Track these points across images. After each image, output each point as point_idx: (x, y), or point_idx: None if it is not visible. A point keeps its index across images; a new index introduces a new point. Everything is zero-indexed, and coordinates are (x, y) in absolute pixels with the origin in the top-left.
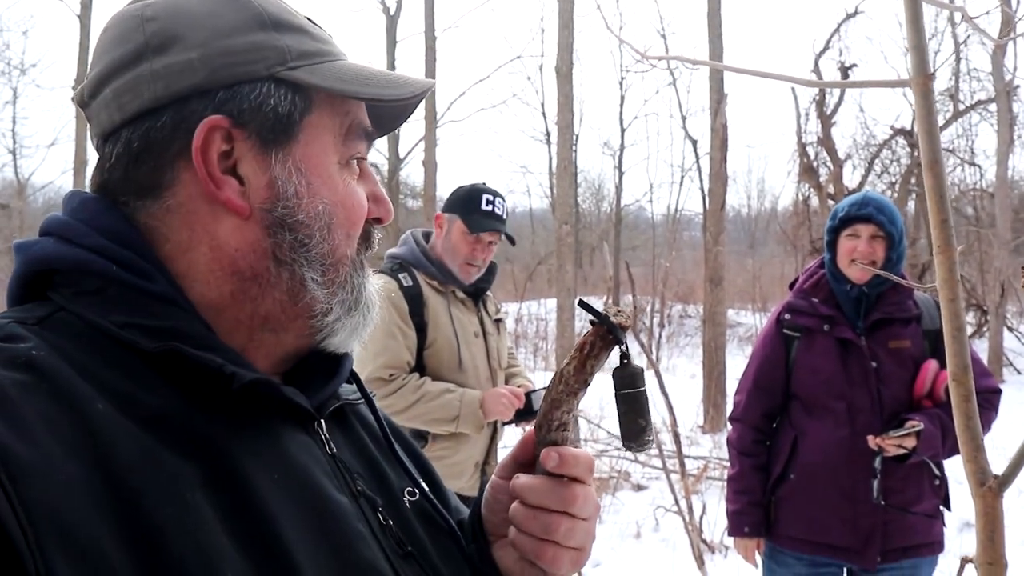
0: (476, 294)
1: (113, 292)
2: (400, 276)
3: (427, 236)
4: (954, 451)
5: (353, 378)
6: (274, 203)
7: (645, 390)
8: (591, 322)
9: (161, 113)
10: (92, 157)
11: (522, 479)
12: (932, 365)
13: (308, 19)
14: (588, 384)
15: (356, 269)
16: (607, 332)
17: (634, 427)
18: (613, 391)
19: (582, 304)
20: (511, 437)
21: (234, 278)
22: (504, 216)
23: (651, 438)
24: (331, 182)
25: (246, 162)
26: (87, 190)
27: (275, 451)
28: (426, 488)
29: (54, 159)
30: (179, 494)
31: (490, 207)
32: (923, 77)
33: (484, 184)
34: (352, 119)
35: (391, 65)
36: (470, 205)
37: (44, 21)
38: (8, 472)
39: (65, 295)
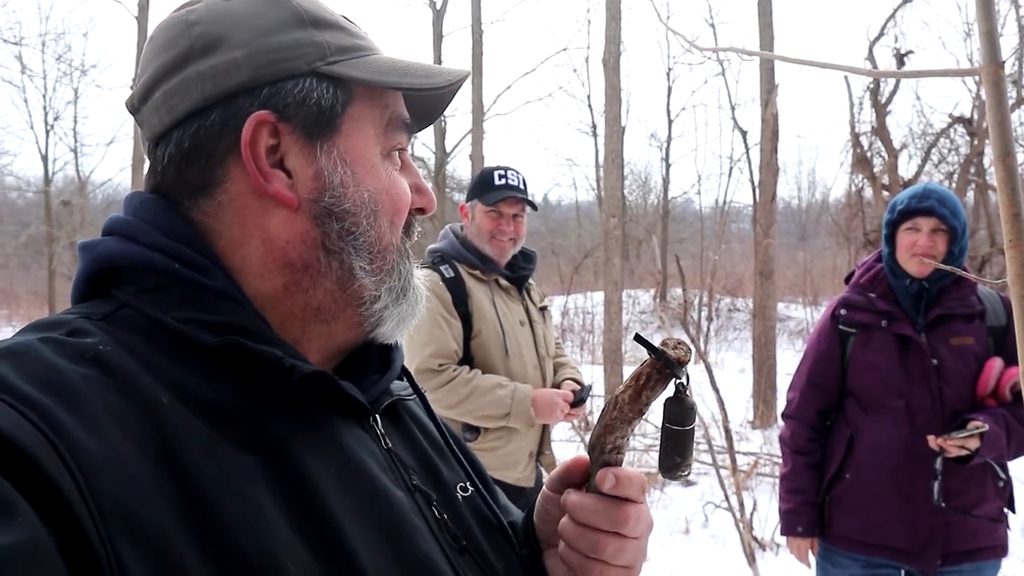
0: (519, 282)
1: (175, 289)
2: (441, 268)
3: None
4: (1020, 452)
5: (404, 374)
6: (321, 193)
7: (692, 428)
8: (649, 351)
9: (209, 112)
10: None
11: (573, 496)
12: (997, 363)
13: (344, 17)
14: (643, 414)
15: (402, 257)
16: (664, 366)
17: (670, 461)
18: (662, 419)
19: (638, 339)
20: (562, 428)
21: (286, 270)
22: (519, 185)
23: (685, 472)
24: (375, 171)
25: (292, 155)
26: (142, 191)
27: (332, 445)
28: (479, 484)
29: (113, 157)
30: (240, 487)
31: (503, 180)
32: (994, 65)
33: (496, 164)
34: (392, 111)
35: (437, 59)
36: (485, 184)
37: (103, 23)
38: (80, 465)
39: (129, 292)
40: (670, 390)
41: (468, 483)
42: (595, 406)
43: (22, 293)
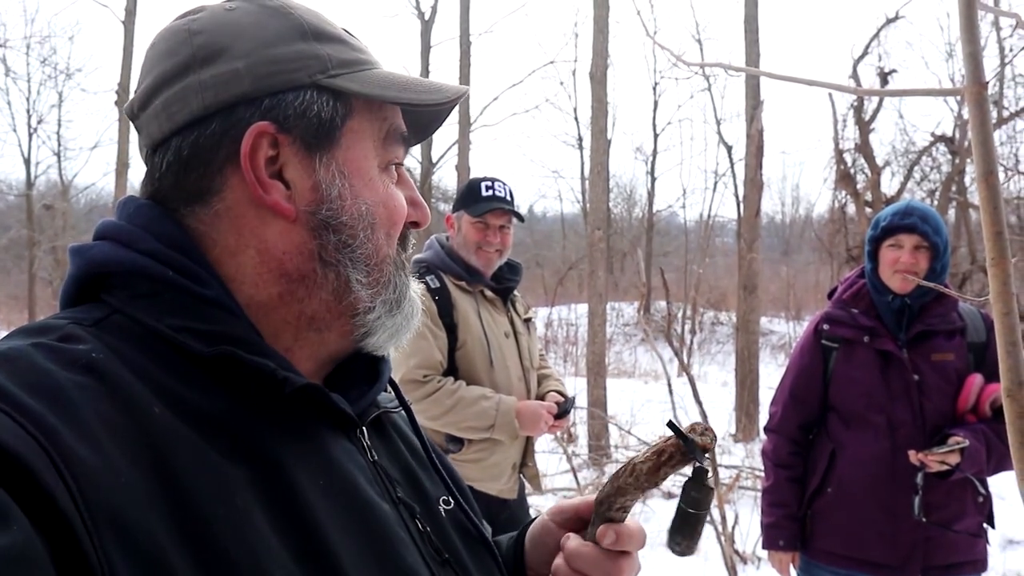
0: (504, 294)
1: (168, 296)
2: (427, 279)
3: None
4: (999, 468)
5: (391, 386)
6: (319, 205)
7: (707, 514)
8: (677, 437)
9: (209, 121)
10: (134, 159)
11: (573, 543)
12: (977, 379)
13: (346, 30)
14: (657, 486)
15: (398, 270)
16: (688, 451)
17: (677, 536)
18: (679, 499)
19: (671, 426)
20: (545, 440)
21: (281, 280)
22: (506, 196)
23: (689, 553)
24: (372, 184)
25: (291, 166)
26: (137, 196)
27: (321, 457)
28: (459, 498)
29: (97, 161)
30: (229, 496)
31: (489, 192)
32: (977, 86)
33: (483, 175)
34: (390, 124)
35: (425, 70)
36: (472, 195)
37: (89, 27)
38: (73, 473)
39: (121, 298)
40: (688, 471)
41: (450, 496)
42: (578, 418)
43: (1, 297)
